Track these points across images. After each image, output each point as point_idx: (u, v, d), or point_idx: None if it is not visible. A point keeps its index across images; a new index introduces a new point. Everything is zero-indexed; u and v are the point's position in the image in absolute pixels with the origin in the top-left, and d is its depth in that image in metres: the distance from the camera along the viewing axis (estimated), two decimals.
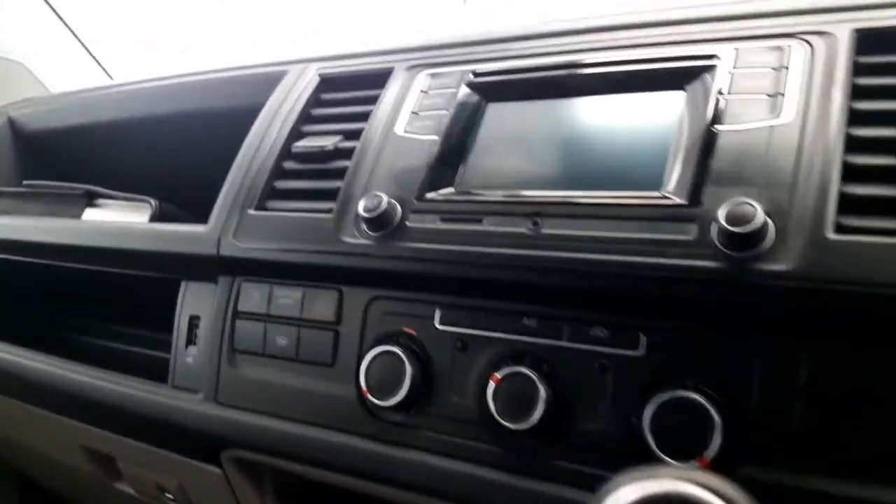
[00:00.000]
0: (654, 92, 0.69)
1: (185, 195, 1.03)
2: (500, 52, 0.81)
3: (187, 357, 0.85)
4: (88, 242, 0.91)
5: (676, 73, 0.68)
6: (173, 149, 1.09)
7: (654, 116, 0.68)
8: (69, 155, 1.22)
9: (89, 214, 1.03)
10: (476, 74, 0.79)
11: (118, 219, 0.99)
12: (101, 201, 1.04)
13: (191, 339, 0.86)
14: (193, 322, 0.86)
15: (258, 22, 2.25)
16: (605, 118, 0.71)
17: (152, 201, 0.97)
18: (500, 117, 0.77)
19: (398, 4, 2.70)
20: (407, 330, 0.71)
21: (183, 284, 0.88)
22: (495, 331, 0.67)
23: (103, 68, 1.55)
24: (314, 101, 0.89)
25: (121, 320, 1.17)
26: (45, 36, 1.52)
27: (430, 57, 0.85)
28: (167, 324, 0.88)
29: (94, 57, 1.53)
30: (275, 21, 2.30)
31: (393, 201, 0.72)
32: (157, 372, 0.88)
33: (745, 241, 0.55)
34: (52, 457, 1.10)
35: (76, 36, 1.50)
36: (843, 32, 0.64)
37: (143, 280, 0.92)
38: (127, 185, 1.08)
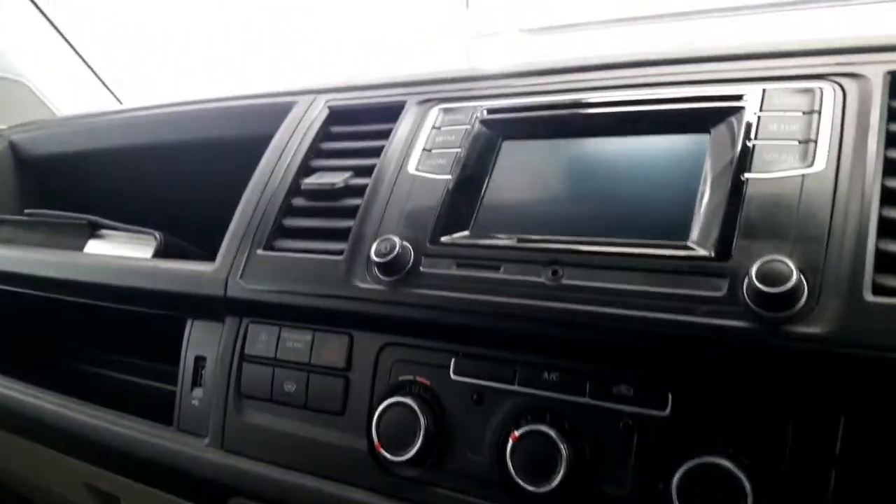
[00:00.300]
0: (678, 134, 0.67)
1: (190, 225, 1.01)
2: (515, 88, 0.78)
3: (193, 399, 0.83)
4: (91, 278, 0.89)
5: (701, 115, 0.66)
6: (179, 178, 1.07)
7: (678, 160, 0.65)
8: (73, 181, 1.20)
9: (92, 246, 1.00)
10: (490, 111, 0.77)
11: (122, 252, 0.96)
12: (104, 232, 1.02)
13: (196, 381, 0.84)
14: (199, 363, 0.84)
15: (267, 45, 2.23)
16: (625, 160, 0.68)
17: (157, 234, 0.95)
18: (515, 156, 0.74)
19: (400, 8, 2.69)
20: (420, 379, 0.68)
21: (189, 323, 0.85)
22: (513, 383, 0.64)
23: (110, 90, 1.53)
24: (323, 134, 0.87)
25: (126, 350, 1.15)
26: (50, 55, 1.50)
27: (442, 91, 0.82)
28: (174, 355, 0.86)
29: (100, 79, 1.51)
30: (283, 40, 2.28)
31: (406, 244, 0.69)
32: (163, 407, 0.86)
33: (778, 302, 0.53)
34: (56, 492, 1.08)
35: (82, 57, 1.48)
36: (876, 75, 0.62)
37: (149, 314, 0.90)
38: (131, 213, 1.06)
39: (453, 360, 0.67)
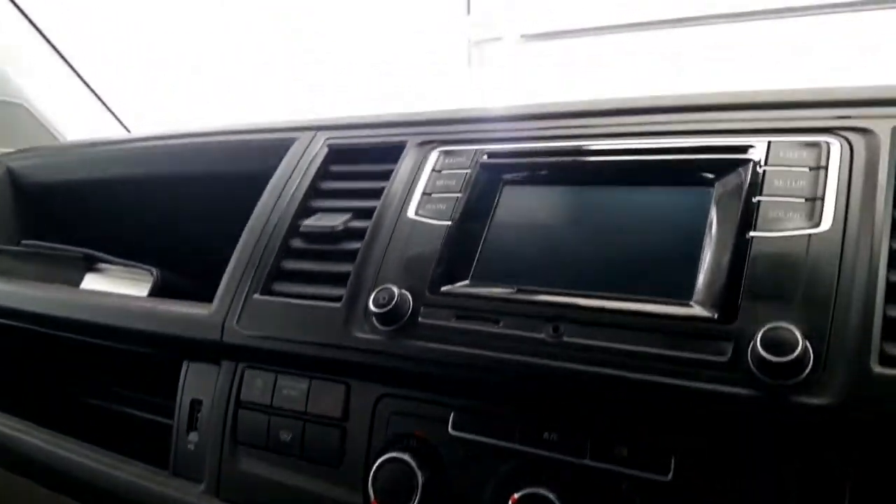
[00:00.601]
0: (682, 187, 0.66)
1: (190, 262, 1.00)
2: (518, 132, 0.77)
3: (189, 443, 0.82)
4: (86, 317, 0.88)
5: (704, 168, 0.65)
6: (179, 212, 1.06)
7: (682, 214, 0.64)
8: (72, 211, 1.19)
9: (88, 280, 1.00)
10: (491, 155, 0.76)
11: (118, 289, 0.96)
12: (101, 266, 1.01)
13: (192, 425, 0.82)
14: (195, 406, 0.82)
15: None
16: (628, 212, 0.67)
17: (154, 271, 0.94)
18: (516, 202, 0.73)
19: (401, 17, 2.69)
20: (418, 433, 0.67)
21: (185, 365, 0.84)
22: (513, 441, 0.63)
23: (115, 115, 1.52)
24: (323, 173, 0.86)
25: (127, 382, 1.14)
26: (51, 78, 1.49)
27: (443, 132, 0.81)
28: (171, 390, 0.85)
29: (104, 103, 1.50)
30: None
31: (405, 293, 0.68)
32: (159, 442, 0.84)
33: (783, 370, 0.51)
34: None
35: (83, 80, 1.48)
36: (884, 130, 0.61)
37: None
38: (131, 246, 1.05)
39: (452, 414, 0.66)
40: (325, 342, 0.71)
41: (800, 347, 0.51)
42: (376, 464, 0.65)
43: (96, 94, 1.59)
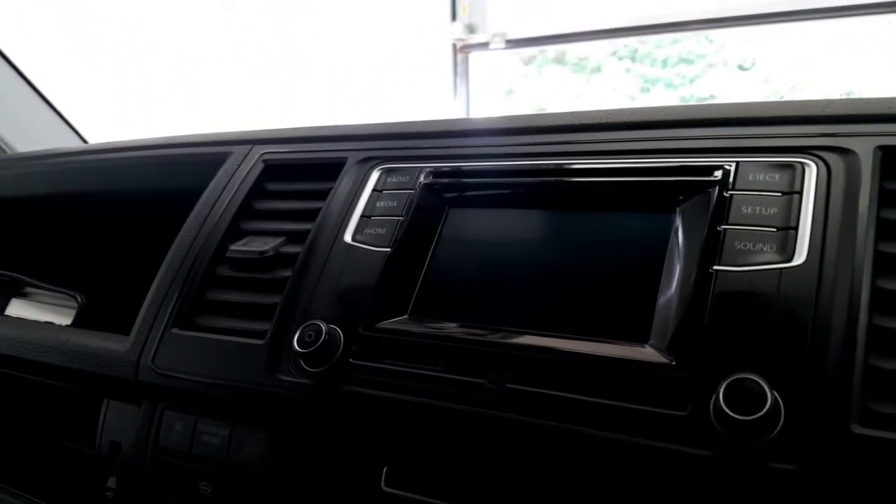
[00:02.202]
0: (641, 213, 0.59)
1: (121, 284, 0.92)
2: (466, 149, 0.70)
3: (107, 491, 0.74)
4: (3, 350, 0.80)
5: (666, 191, 0.58)
6: (110, 231, 0.98)
7: (640, 243, 0.57)
8: (5, 229, 1.11)
9: (14, 307, 0.92)
10: (436, 174, 0.69)
11: (43, 316, 0.88)
12: (29, 290, 0.93)
13: (112, 469, 0.75)
14: (115, 448, 0.75)
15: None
16: (581, 239, 0.60)
17: (79, 297, 0.86)
18: (462, 227, 0.66)
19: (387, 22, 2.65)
20: (348, 489, 0.59)
21: (105, 402, 0.77)
22: (452, 501, 0.55)
23: (71, 126, 1.43)
24: (256, 191, 0.79)
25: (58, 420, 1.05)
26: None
27: (387, 148, 0.74)
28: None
29: (58, 113, 1.42)
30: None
31: (335, 330, 0.61)
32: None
33: (749, 429, 0.44)
34: None
35: (33, 87, 1.39)
36: (865, 150, 0.54)
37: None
38: (62, 268, 0.97)
39: (385, 468, 0.58)
40: (246, 385, 0.63)
41: (769, 403, 0.44)
42: None
43: (48, 102, 1.50)
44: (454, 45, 2.87)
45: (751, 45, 2.50)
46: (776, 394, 0.45)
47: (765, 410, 0.44)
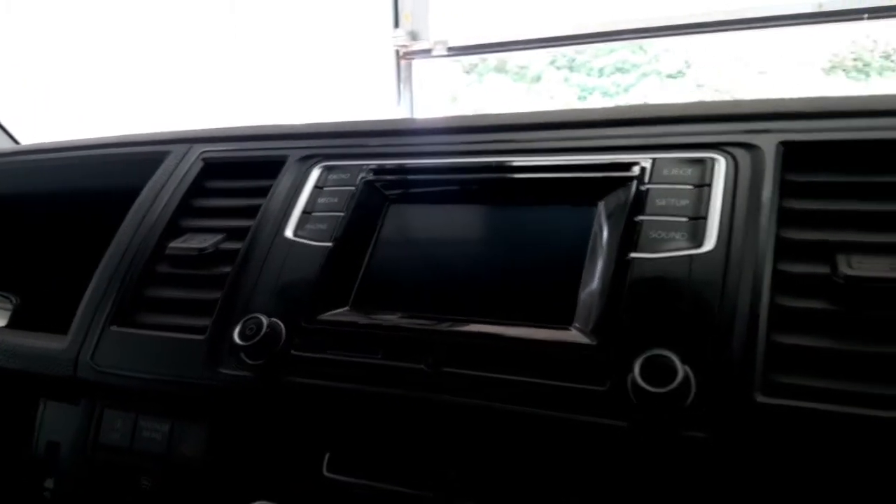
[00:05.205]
0: (567, 206, 0.62)
1: (61, 285, 0.90)
2: (405, 147, 0.73)
3: (45, 492, 0.73)
4: None
5: (589, 186, 0.62)
6: (47, 231, 0.97)
7: (566, 234, 0.60)
8: None
9: None
10: (376, 171, 0.71)
11: None
12: None
13: (50, 469, 0.74)
14: (53, 448, 0.74)
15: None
16: (512, 232, 0.63)
17: (13, 298, 0.85)
18: (401, 222, 0.68)
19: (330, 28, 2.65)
20: (291, 476, 0.61)
21: (41, 404, 0.76)
22: (392, 483, 0.58)
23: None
24: (196, 189, 0.79)
25: None
26: None
27: (327, 146, 0.76)
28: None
29: None
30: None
31: (276, 323, 0.62)
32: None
33: (662, 401, 0.48)
34: None
35: None
36: (769, 145, 0.58)
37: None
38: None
39: (327, 454, 0.60)
40: (186, 379, 0.64)
41: (679, 376, 0.47)
42: None
43: None
44: (397, 52, 2.90)
45: (683, 53, 2.61)
46: (687, 368, 0.48)
47: (676, 383, 0.47)
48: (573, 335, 0.54)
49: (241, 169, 0.79)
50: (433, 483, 0.56)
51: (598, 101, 2.74)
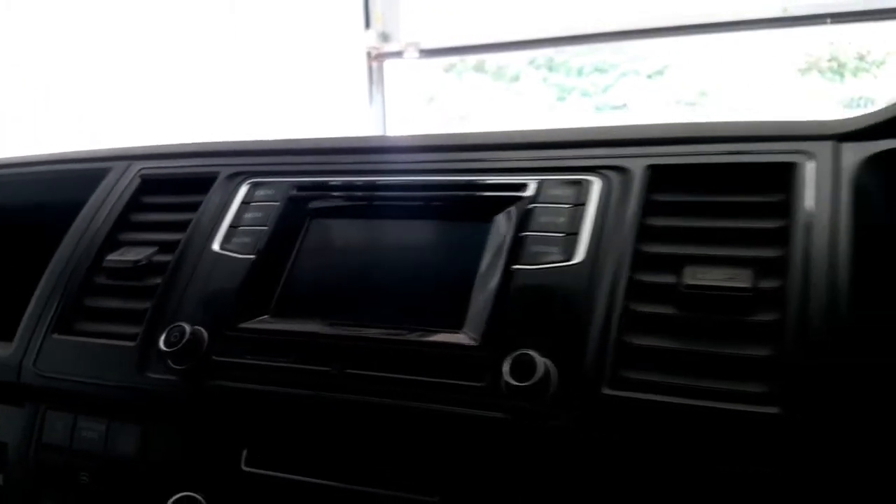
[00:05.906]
0: (465, 222, 0.69)
1: (4, 296, 0.95)
2: (327, 165, 0.79)
3: None
4: None
5: (484, 204, 0.69)
6: None
7: (463, 248, 0.68)
8: None
9: None
10: (300, 188, 0.77)
11: None
12: None
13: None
14: (1, 449, 0.79)
15: None
16: (417, 246, 0.70)
17: None
18: (320, 236, 0.75)
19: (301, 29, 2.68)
20: (212, 470, 0.67)
21: None
22: (305, 475, 0.64)
23: None
24: (134, 204, 0.85)
25: None
26: None
27: (255, 164, 0.82)
28: None
29: None
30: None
31: (199, 330, 0.68)
32: None
33: (527, 394, 0.55)
34: None
35: None
36: (637, 168, 0.66)
37: None
38: None
39: (245, 451, 0.66)
40: (119, 384, 0.70)
41: (540, 372, 0.55)
42: (169, 502, 0.65)
43: None
44: (368, 54, 2.94)
45: (661, 55, 2.67)
46: (547, 364, 0.56)
47: (537, 378, 0.54)
48: (461, 338, 0.61)
49: (176, 185, 0.84)
50: (339, 474, 0.63)
51: (577, 100, 2.79)
